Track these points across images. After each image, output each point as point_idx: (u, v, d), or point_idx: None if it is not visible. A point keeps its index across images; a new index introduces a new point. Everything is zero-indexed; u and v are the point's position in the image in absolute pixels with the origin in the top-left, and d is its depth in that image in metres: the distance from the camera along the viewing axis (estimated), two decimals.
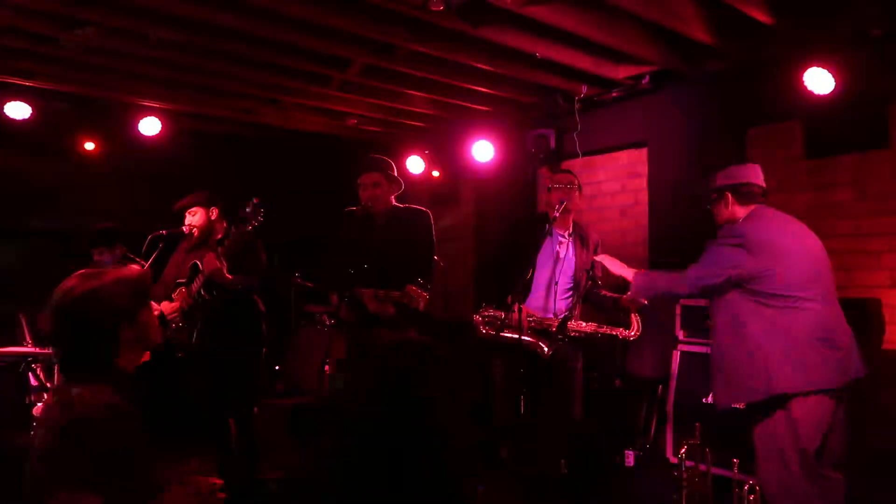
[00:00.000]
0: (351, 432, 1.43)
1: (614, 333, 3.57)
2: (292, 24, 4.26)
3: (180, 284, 4.10)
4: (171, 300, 4.06)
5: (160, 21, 4.23)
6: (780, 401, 2.82)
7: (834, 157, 4.47)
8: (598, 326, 3.60)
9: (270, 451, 5.07)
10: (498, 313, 3.53)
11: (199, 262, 3.96)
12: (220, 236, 4.13)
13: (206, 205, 4.14)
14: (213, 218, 4.15)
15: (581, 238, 3.83)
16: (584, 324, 3.62)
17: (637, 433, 4.72)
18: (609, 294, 3.75)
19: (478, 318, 3.67)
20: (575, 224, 3.87)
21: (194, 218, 4.13)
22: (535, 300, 3.74)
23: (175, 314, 4.00)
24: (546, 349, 3.53)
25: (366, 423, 1.42)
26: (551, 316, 3.70)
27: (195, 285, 3.94)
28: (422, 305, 3.53)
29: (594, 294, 3.74)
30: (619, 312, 3.64)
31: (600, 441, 4.06)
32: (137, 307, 1.93)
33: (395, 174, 3.92)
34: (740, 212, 3.15)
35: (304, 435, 5.74)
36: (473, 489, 3.71)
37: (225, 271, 3.86)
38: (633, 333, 3.52)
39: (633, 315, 3.52)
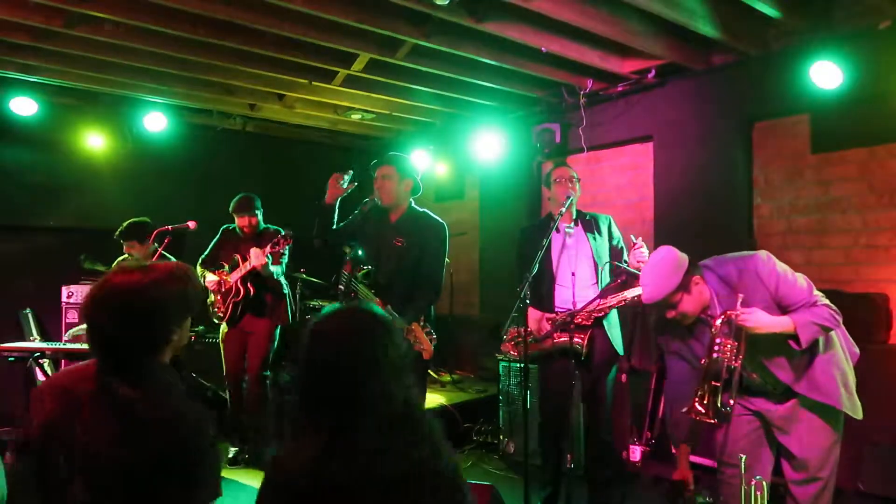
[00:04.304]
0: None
1: (635, 297, 3.48)
2: (297, 18, 4.26)
3: (220, 267, 4.87)
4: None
5: (165, 16, 4.23)
6: None
7: (841, 151, 4.45)
8: (622, 299, 3.55)
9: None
10: (521, 330, 3.49)
11: (238, 256, 4.72)
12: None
13: (249, 211, 4.84)
14: (260, 219, 4.90)
15: (588, 224, 3.80)
16: (608, 300, 3.56)
17: (643, 428, 4.71)
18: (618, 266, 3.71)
19: (507, 345, 3.65)
20: (579, 213, 3.84)
21: (243, 221, 4.85)
22: (562, 297, 3.71)
23: (213, 285, 4.81)
24: (582, 345, 3.50)
25: None
26: (569, 308, 3.66)
27: (235, 274, 4.70)
28: (425, 356, 3.48)
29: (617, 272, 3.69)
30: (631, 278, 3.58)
31: (610, 434, 4.05)
32: (188, 313, 1.81)
33: (412, 170, 3.88)
34: (699, 286, 2.74)
35: None
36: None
37: (270, 265, 4.59)
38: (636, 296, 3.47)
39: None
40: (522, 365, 3.48)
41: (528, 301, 3.38)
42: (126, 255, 5.03)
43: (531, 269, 3.32)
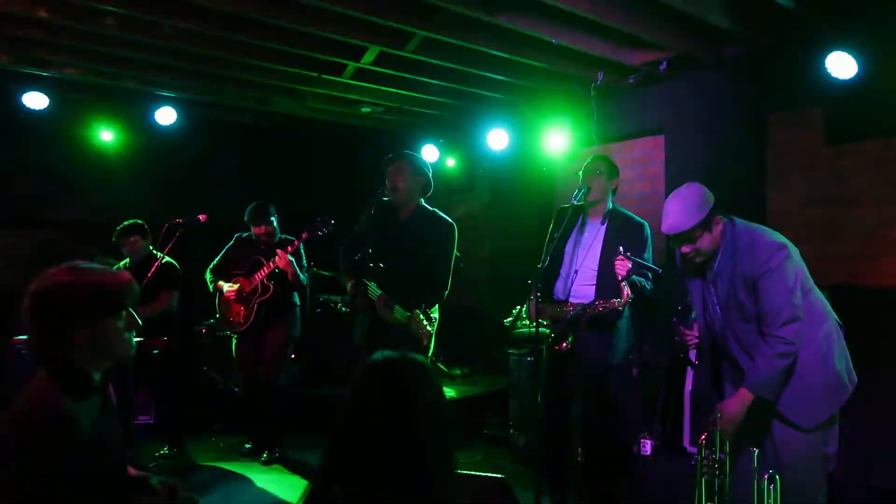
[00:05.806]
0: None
1: (606, 306, 3.48)
2: (306, 11, 4.25)
3: (238, 275, 4.86)
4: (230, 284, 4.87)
5: (175, 10, 4.23)
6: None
7: (856, 143, 4.40)
8: (590, 302, 3.53)
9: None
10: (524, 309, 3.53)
11: (262, 258, 4.77)
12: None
13: (266, 219, 4.86)
14: (276, 227, 4.94)
15: (615, 226, 3.75)
16: (574, 303, 3.58)
17: (654, 421, 4.70)
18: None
19: (513, 322, 3.70)
20: (614, 211, 3.81)
21: (260, 230, 4.87)
22: (558, 288, 3.72)
23: (231, 293, 4.82)
24: (563, 341, 3.49)
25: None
26: (566, 301, 3.66)
27: (258, 275, 4.75)
28: (425, 341, 3.55)
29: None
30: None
31: (617, 429, 4.04)
32: (101, 313, 1.82)
33: (425, 168, 3.88)
34: (720, 227, 2.79)
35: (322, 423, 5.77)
36: None
37: (296, 267, 4.67)
38: (619, 301, 3.42)
39: (622, 285, 3.43)
40: (532, 358, 3.49)
41: (538, 296, 3.38)
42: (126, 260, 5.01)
43: (542, 262, 3.32)
